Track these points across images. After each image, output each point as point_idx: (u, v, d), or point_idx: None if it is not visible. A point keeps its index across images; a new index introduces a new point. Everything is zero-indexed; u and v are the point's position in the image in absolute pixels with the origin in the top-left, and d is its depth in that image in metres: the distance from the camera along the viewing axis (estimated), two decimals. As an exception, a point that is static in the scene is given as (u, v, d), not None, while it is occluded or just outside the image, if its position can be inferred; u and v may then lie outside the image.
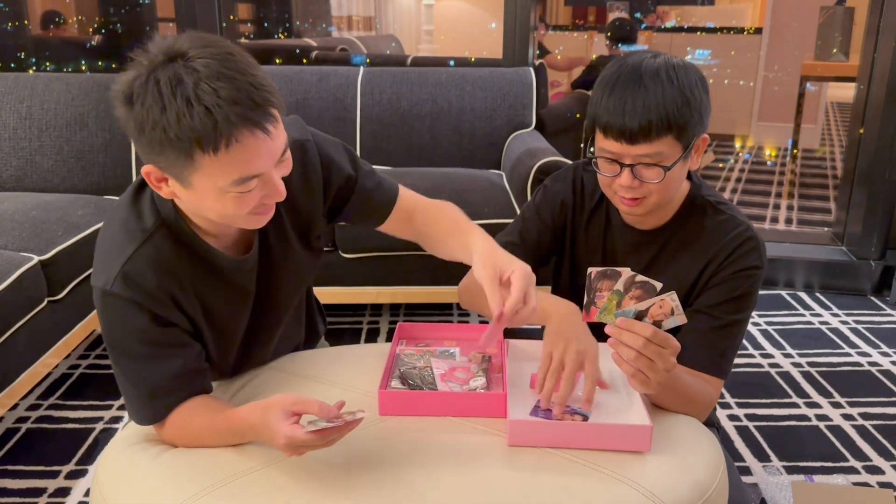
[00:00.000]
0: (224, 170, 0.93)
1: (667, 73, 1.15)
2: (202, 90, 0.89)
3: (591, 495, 0.95)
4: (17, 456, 1.91)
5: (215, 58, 0.92)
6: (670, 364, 1.01)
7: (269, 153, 0.96)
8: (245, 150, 0.92)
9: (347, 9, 5.85)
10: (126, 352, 1.06)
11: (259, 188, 0.98)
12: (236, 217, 1.01)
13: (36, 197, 2.34)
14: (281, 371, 1.27)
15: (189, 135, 0.90)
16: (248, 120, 0.91)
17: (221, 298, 1.15)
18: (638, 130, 1.13)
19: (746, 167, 5.33)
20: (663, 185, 1.18)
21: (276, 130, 0.96)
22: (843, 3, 4.36)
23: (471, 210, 2.39)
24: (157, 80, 0.90)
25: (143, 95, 0.91)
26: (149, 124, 0.91)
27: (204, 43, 0.94)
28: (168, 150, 0.92)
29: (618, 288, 1.01)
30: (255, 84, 0.93)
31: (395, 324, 2.65)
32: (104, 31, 4.03)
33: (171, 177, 0.98)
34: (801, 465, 1.91)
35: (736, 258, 1.23)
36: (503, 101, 2.94)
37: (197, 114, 0.89)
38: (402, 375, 1.16)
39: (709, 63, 6.13)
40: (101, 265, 1.06)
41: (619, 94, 1.15)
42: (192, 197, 0.99)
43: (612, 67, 1.19)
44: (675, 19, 6.62)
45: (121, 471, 1.05)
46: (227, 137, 0.90)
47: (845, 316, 2.83)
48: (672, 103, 1.13)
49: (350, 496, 0.94)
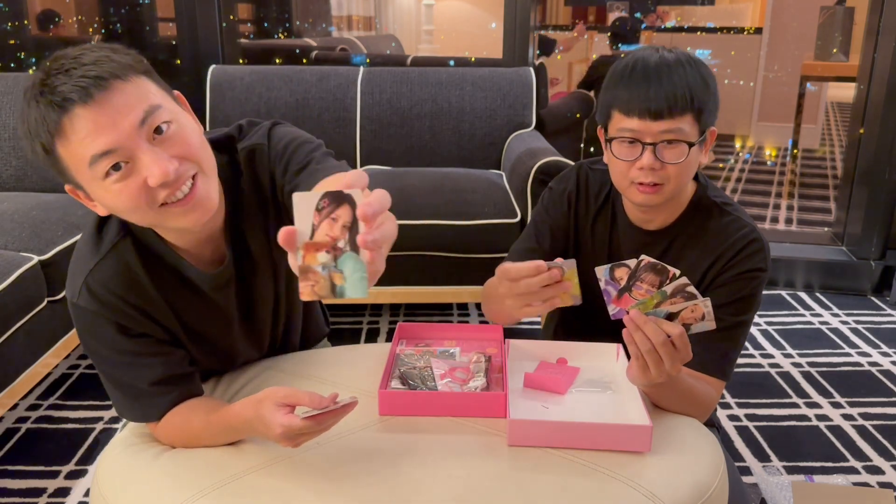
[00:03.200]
0: (76, 153, 0.90)
1: (687, 60, 1.17)
2: (46, 85, 0.89)
3: (591, 495, 0.95)
4: (17, 456, 1.91)
5: (67, 54, 0.92)
6: (676, 370, 1.01)
7: (113, 122, 0.89)
8: (82, 123, 0.89)
9: (347, 9, 5.85)
10: (104, 359, 1.08)
11: (133, 167, 0.91)
12: (145, 212, 0.95)
13: (36, 197, 2.33)
14: (281, 371, 1.27)
15: (34, 129, 0.91)
16: (80, 89, 0.88)
17: (200, 313, 1.13)
18: (664, 104, 1.13)
19: (746, 167, 5.33)
20: (681, 170, 1.17)
21: (111, 95, 0.89)
22: (843, 3, 4.36)
23: (471, 210, 2.42)
24: (24, 93, 0.94)
25: (20, 126, 0.95)
26: (26, 143, 0.94)
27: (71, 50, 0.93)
28: (39, 154, 0.93)
29: (665, 290, 1.00)
30: (100, 64, 0.90)
31: (395, 324, 2.65)
32: (104, 31, 4.03)
33: (75, 187, 0.97)
34: (801, 465, 1.91)
35: (740, 259, 1.23)
36: (503, 101, 2.94)
37: (39, 105, 0.90)
38: (402, 375, 1.16)
39: (709, 63, 6.12)
40: (70, 277, 1.07)
41: (641, 76, 1.15)
42: (99, 202, 0.97)
43: (625, 60, 1.20)
44: (675, 19, 6.62)
45: (121, 471, 1.05)
46: (57, 118, 0.88)
47: (845, 316, 2.82)
48: (694, 82, 1.15)
49: (350, 496, 0.94)
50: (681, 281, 0.99)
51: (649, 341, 0.99)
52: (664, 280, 1.00)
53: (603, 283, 1.03)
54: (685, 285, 0.99)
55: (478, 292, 2.35)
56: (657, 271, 1.00)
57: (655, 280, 1.00)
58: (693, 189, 1.29)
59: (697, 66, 1.17)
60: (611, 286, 1.03)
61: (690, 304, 0.99)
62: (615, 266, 1.02)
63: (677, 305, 1.00)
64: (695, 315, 1.00)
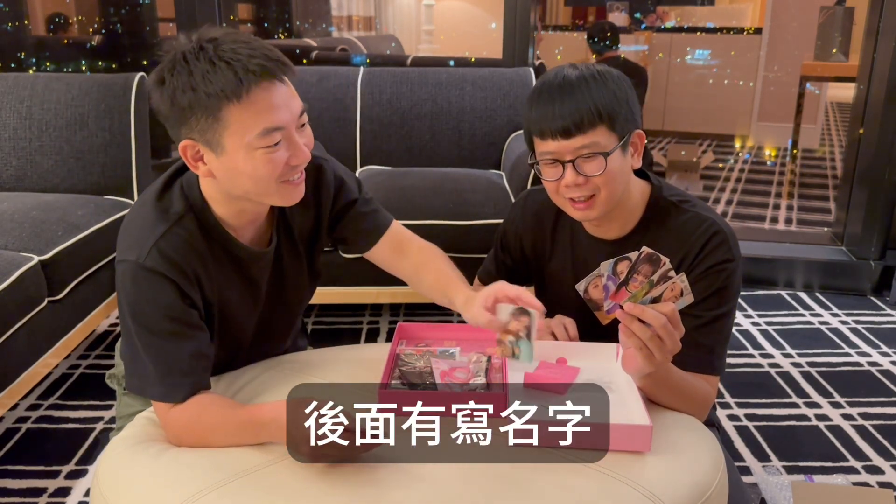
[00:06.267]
0: (249, 121, 1.03)
1: (591, 75, 1.20)
2: (222, 51, 1.02)
3: (591, 495, 0.95)
4: (17, 456, 1.91)
5: (232, 32, 1.06)
6: (677, 346, 1.03)
7: (288, 105, 1.06)
8: (265, 96, 1.03)
9: (347, 9, 5.85)
10: (150, 326, 1.09)
11: (284, 148, 1.07)
12: (269, 183, 1.08)
13: (36, 197, 2.33)
14: (281, 371, 1.27)
15: (214, 89, 1.01)
16: (265, 69, 1.03)
17: (236, 291, 1.21)
18: (571, 123, 1.17)
19: (746, 167, 5.33)
20: (607, 178, 1.19)
21: (291, 87, 1.07)
22: (843, 3, 4.36)
23: (471, 210, 2.42)
24: (183, 55, 1.03)
25: (172, 69, 1.03)
26: (179, 90, 1.02)
27: (222, 30, 1.07)
28: (197, 111, 1.03)
29: (652, 279, 1.02)
30: (271, 50, 1.05)
31: (395, 324, 2.65)
32: (104, 32, 4.03)
33: (204, 145, 1.06)
34: (801, 465, 1.91)
35: (707, 254, 1.23)
36: (503, 101, 2.94)
37: (219, 69, 1.01)
38: (402, 375, 1.16)
39: (709, 63, 6.13)
40: (132, 241, 1.11)
41: (548, 98, 1.19)
42: (226, 165, 1.06)
43: (536, 84, 1.24)
44: (675, 19, 6.63)
45: (121, 471, 1.05)
46: (247, 85, 1.01)
47: (845, 316, 2.83)
48: (599, 96, 1.17)
49: (350, 496, 0.94)
50: (665, 267, 1.01)
51: (649, 328, 1.01)
52: (656, 269, 1.02)
53: (605, 278, 1.04)
54: (668, 270, 1.02)
55: (478, 292, 2.36)
56: (652, 261, 1.02)
57: (650, 270, 1.03)
58: (648, 192, 1.29)
59: (603, 79, 1.19)
60: (611, 281, 1.04)
61: (669, 283, 1.02)
62: (619, 260, 1.04)
63: (658, 289, 1.02)
64: (674, 293, 1.03)
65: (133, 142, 2.50)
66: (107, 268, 2.24)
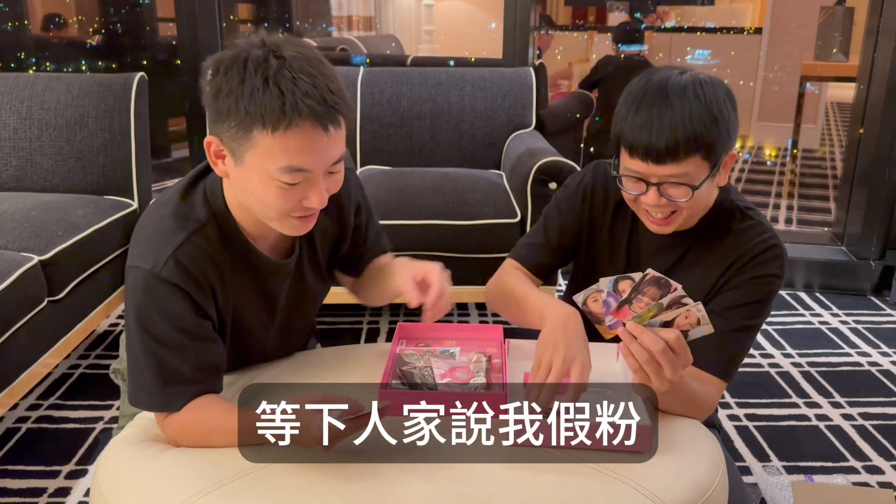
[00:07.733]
0: (277, 153, 0.99)
1: (694, 91, 1.11)
2: (282, 76, 0.97)
3: (591, 495, 0.95)
4: (17, 456, 1.91)
5: (304, 56, 1.00)
6: (677, 376, 1.01)
7: (323, 153, 1.01)
8: (302, 139, 0.98)
9: (347, 9, 5.85)
10: (158, 336, 1.06)
11: (303, 187, 1.03)
12: (274, 211, 1.05)
13: (36, 197, 2.33)
14: (281, 372, 1.27)
15: (255, 110, 0.97)
16: (314, 112, 0.97)
17: (252, 303, 1.18)
18: (665, 150, 1.10)
19: (746, 167, 5.33)
20: (691, 203, 1.16)
21: (336, 135, 1.02)
22: (843, 3, 4.36)
23: (471, 210, 2.42)
24: (245, 59, 0.99)
25: (230, 68, 0.99)
26: (224, 91, 0.99)
27: (299, 44, 1.02)
28: (233, 119, 0.99)
29: (661, 302, 0.99)
30: (333, 89, 1.00)
31: (395, 324, 2.65)
32: (104, 32, 4.03)
33: (228, 150, 1.03)
34: (801, 465, 1.91)
35: (758, 263, 1.22)
36: (503, 101, 2.94)
37: (270, 92, 0.96)
38: (402, 375, 1.16)
39: (709, 63, 6.13)
40: (148, 248, 1.08)
41: (646, 112, 1.11)
42: (241, 176, 1.03)
43: (637, 84, 1.16)
44: (675, 19, 6.63)
45: (121, 471, 1.05)
46: (288, 121, 0.96)
47: (845, 316, 2.83)
48: (699, 122, 1.10)
49: (349, 496, 0.94)
50: (676, 293, 0.99)
51: (646, 352, 0.99)
52: (665, 294, 0.99)
53: (605, 294, 1.03)
54: (681, 297, 0.99)
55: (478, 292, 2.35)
56: (660, 285, 0.99)
57: (657, 294, 1.00)
58: (716, 193, 1.25)
59: (707, 97, 1.11)
60: (612, 297, 1.03)
61: (683, 309, 0.99)
62: (620, 278, 1.02)
63: (670, 313, 1.00)
64: (689, 321, 1.00)
65: (133, 142, 2.50)
66: (107, 268, 2.24)
